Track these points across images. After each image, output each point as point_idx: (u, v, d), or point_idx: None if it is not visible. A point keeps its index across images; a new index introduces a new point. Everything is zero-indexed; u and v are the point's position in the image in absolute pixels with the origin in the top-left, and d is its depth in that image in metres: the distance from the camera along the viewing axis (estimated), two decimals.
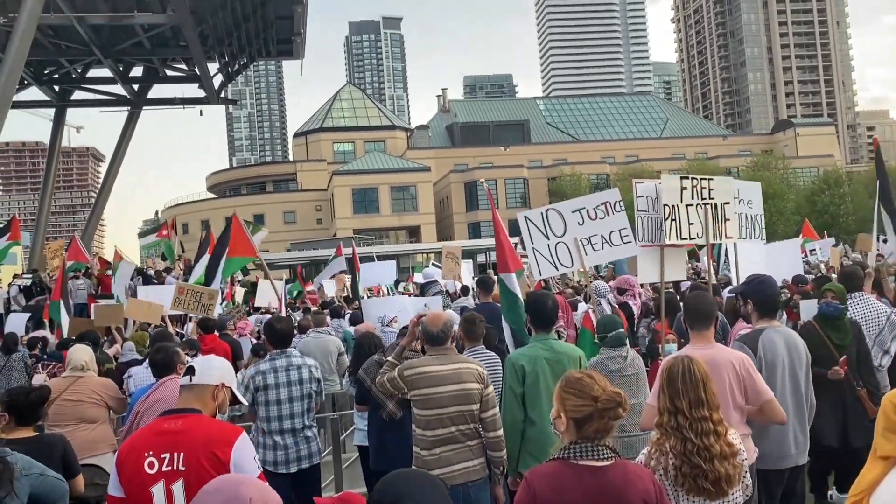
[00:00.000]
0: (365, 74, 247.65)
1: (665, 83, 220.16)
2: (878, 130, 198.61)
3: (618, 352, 5.43)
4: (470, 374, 4.44)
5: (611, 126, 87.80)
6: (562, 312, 9.11)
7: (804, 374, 4.63)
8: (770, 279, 5.07)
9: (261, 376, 5.48)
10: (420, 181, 67.43)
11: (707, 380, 3.20)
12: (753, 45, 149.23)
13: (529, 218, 6.80)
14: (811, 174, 68.50)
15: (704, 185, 6.94)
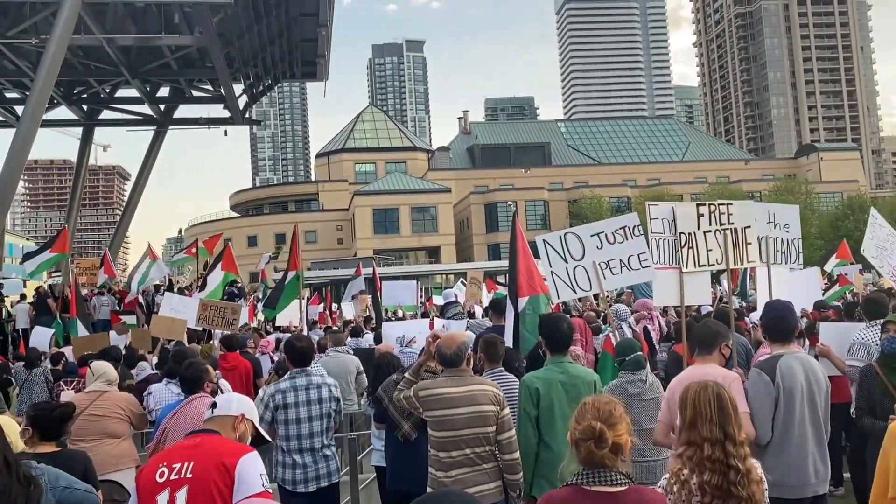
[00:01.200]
0: (387, 96, 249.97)
1: (687, 107, 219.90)
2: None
3: (637, 375, 5.42)
4: (485, 396, 4.43)
5: (632, 149, 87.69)
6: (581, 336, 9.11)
7: (823, 401, 4.57)
8: (785, 304, 5.04)
9: (281, 395, 5.50)
10: (440, 202, 67.67)
11: (735, 406, 3.19)
12: (776, 70, 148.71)
13: (548, 241, 6.83)
14: (835, 199, 67.88)
15: (723, 211, 6.93)
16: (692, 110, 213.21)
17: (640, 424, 5.27)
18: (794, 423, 4.41)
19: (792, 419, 4.41)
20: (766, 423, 4.41)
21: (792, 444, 4.41)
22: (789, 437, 4.42)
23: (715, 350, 4.84)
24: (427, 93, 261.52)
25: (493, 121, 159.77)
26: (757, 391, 4.47)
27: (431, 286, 41.21)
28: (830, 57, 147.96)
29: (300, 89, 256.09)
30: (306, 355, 5.83)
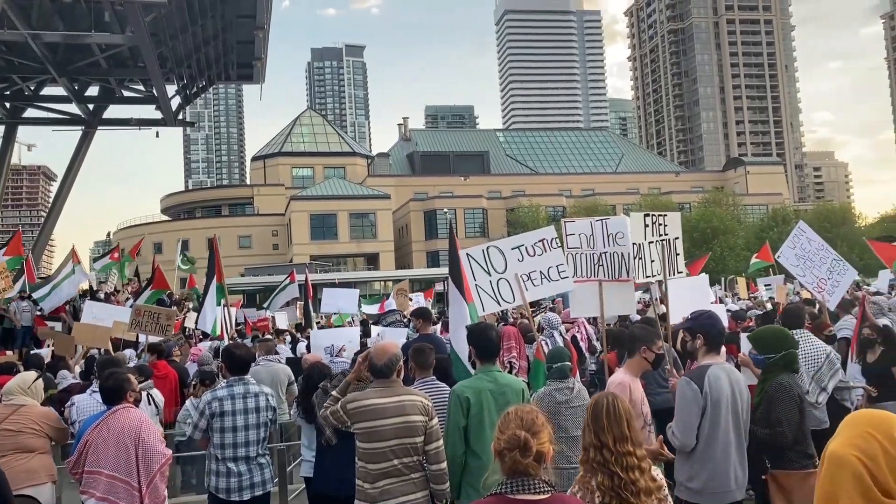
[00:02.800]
0: (326, 101, 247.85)
1: (621, 119, 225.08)
2: (824, 171, 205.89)
3: (565, 383, 5.50)
4: (414, 407, 4.46)
5: (568, 160, 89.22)
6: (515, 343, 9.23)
7: (745, 410, 4.74)
8: (716, 314, 5.22)
9: (218, 402, 5.45)
10: (379, 208, 67.41)
11: (630, 416, 3.30)
12: (706, 85, 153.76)
13: (472, 255, 6.95)
14: (760, 211, 70.49)
15: (661, 222, 7.17)
16: (626, 123, 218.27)
17: (567, 431, 5.36)
18: (719, 431, 4.55)
19: (717, 428, 4.54)
20: (692, 431, 4.54)
21: (717, 452, 4.54)
22: (714, 445, 4.54)
23: (635, 355, 5.01)
24: (367, 98, 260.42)
25: (434, 128, 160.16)
26: (685, 399, 4.60)
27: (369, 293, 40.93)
28: (757, 74, 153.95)
29: (236, 91, 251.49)
30: (245, 363, 5.79)
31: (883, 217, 70.61)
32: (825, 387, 6.69)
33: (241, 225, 71.32)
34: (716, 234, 57.97)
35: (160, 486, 4.88)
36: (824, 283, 9.06)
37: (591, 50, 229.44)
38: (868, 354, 7.34)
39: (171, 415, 8.55)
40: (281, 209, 70.17)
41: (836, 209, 69.90)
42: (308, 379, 6.13)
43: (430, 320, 8.45)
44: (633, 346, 5.05)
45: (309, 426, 6.05)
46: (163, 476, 4.93)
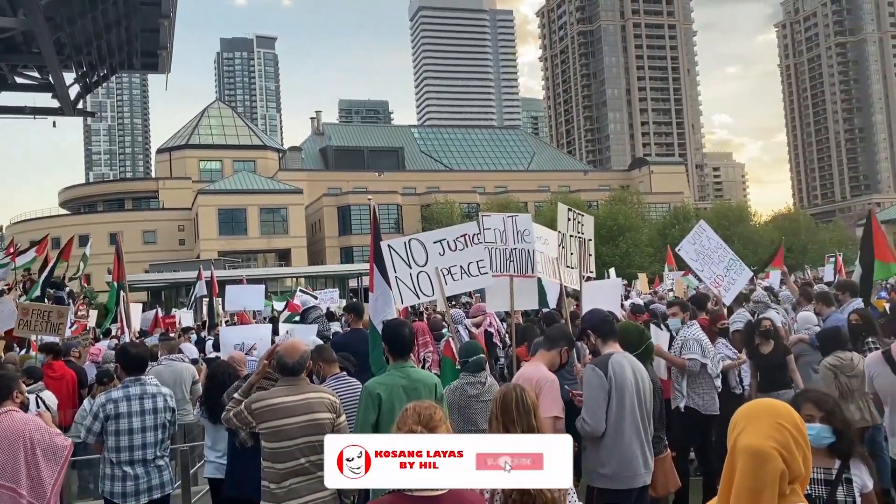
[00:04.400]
0: (236, 92, 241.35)
1: (533, 118, 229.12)
2: (723, 171, 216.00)
3: (477, 377, 5.58)
4: (322, 404, 4.43)
5: (481, 157, 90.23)
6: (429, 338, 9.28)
7: (647, 397, 4.94)
8: (598, 310, 5.47)
9: (112, 404, 5.25)
10: (291, 203, 66.27)
11: (537, 409, 3.38)
12: (614, 87, 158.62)
13: (393, 247, 6.94)
14: (663, 209, 73.28)
15: (580, 220, 7.38)
16: (538, 122, 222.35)
17: (477, 425, 5.45)
18: (625, 416, 4.70)
19: (624, 413, 4.69)
20: (601, 416, 4.68)
21: (625, 437, 4.69)
22: (623, 430, 4.69)
23: (553, 350, 5.17)
24: (278, 91, 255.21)
25: (347, 123, 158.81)
26: (591, 385, 4.75)
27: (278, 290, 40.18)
28: (661, 77, 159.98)
29: (141, 81, 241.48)
30: (142, 362, 5.60)
31: (776, 215, 74.76)
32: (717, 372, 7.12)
33: (146, 219, 68.69)
34: (622, 231, 59.91)
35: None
36: (721, 280, 9.54)
37: (504, 49, 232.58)
38: (763, 346, 7.78)
39: (67, 417, 8.18)
40: (188, 203, 67.95)
41: (734, 208, 73.45)
42: (212, 378, 5.99)
43: (361, 315, 8.42)
44: (556, 343, 5.19)
45: (213, 426, 5.92)
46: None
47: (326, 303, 16.66)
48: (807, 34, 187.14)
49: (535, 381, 4.78)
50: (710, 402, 7.04)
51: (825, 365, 6.48)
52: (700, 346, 7.03)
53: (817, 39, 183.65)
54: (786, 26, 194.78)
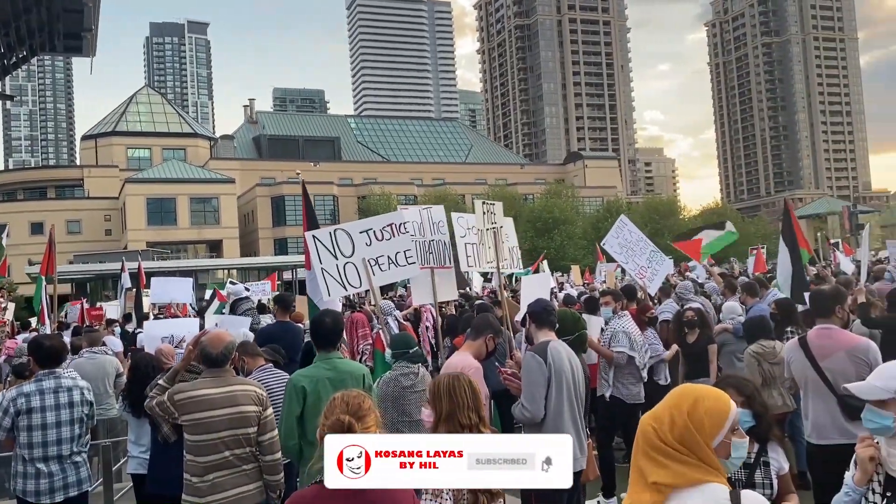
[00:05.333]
0: (166, 79, 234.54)
1: (471, 111, 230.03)
2: (654, 166, 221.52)
3: (411, 368, 5.57)
4: (247, 397, 4.33)
5: (419, 149, 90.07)
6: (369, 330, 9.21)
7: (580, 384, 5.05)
8: (543, 300, 5.53)
9: (24, 399, 5.02)
10: (223, 193, 64.74)
11: (480, 394, 3.37)
12: (550, 81, 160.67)
13: (318, 237, 6.79)
14: (596, 203, 74.65)
15: (492, 210, 7.39)
16: (475, 114, 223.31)
17: (410, 416, 5.43)
18: (563, 402, 4.77)
19: (562, 399, 4.77)
20: (540, 401, 4.73)
21: (564, 422, 4.76)
22: (562, 415, 4.76)
23: (479, 339, 5.21)
24: (210, 78, 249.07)
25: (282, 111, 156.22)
26: (531, 370, 4.80)
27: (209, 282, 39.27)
28: (596, 73, 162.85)
29: (65, 64, 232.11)
30: (55, 355, 5.34)
31: (704, 209, 77.10)
32: (645, 363, 7.27)
33: (70, 209, 66.02)
34: (557, 223, 60.79)
35: None
36: (645, 271, 9.79)
37: (442, 41, 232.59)
38: (689, 336, 7.99)
39: None
40: (115, 192, 65.64)
41: (664, 202, 75.39)
42: (135, 370, 5.79)
43: (288, 308, 8.27)
44: (482, 332, 5.23)
45: (137, 421, 5.73)
46: None
47: (258, 295, 16.33)
48: (735, 34, 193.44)
49: (459, 369, 4.79)
50: (636, 392, 7.19)
51: (749, 352, 6.69)
52: (629, 338, 7.15)
53: (745, 39, 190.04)
54: (715, 25, 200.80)
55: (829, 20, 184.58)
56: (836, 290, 5.74)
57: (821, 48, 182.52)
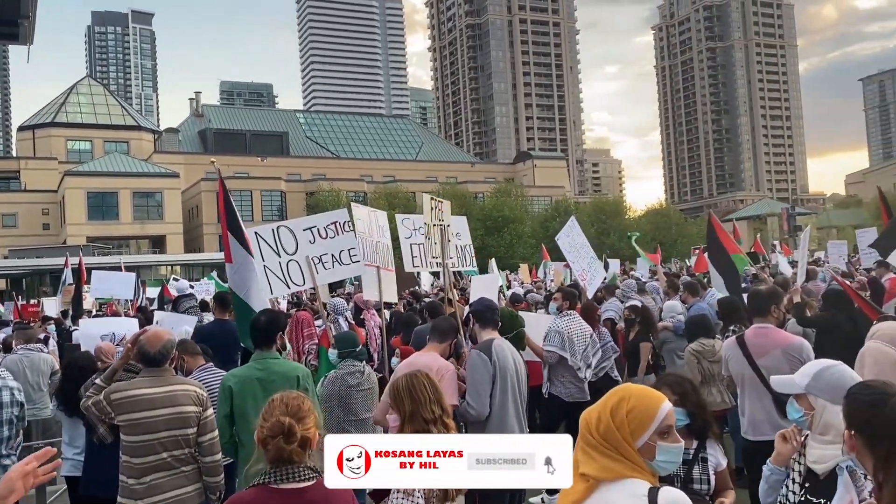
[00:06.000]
0: (109, 69, 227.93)
1: (422, 108, 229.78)
2: (601, 167, 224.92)
3: (357, 367, 5.55)
4: (187, 397, 4.24)
5: (369, 145, 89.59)
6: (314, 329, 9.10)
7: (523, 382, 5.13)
8: (486, 299, 5.57)
9: None
10: (167, 187, 63.31)
11: (442, 394, 3.38)
12: (500, 81, 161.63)
13: (261, 234, 6.69)
14: (545, 202, 75.45)
15: (440, 208, 7.38)
16: (426, 112, 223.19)
17: (357, 414, 5.42)
18: (508, 399, 4.81)
19: (507, 396, 4.81)
20: (485, 399, 4.76)
21: (509, 418, 4.80)
22: (507, 412, 4.80)
23: (445, 342, 5.23)
24: (155, 69, 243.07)
25: (229, 105, 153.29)
26: (476, 368, 4.84)
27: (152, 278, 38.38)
28: (545, 74, 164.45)
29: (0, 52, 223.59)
30: None
31: (649, 210, 78.67)
32: (590, 363, 7.35)
33: (6, 202, 63.65)
34: (506, 222, 61.25)
35: None
36: (585, 275, 10.03)
37: (393, 37, 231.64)
38: (630, 333, 8.14)
39: None
40: (53, 185, 63.54)
41: (611, 202, 76.66)
42: (69, 368, 5.61)
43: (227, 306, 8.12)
44: (448, 335, 5.25)
45: (70, 421, 5.55)
46: None
47: (202, 293, 16.03)
48: (681, 38, 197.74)
49: (434, 369, 4.76)
50: (575, 391, 7.19)
51: (689, 350, 6.84)
52: (561, 337, 7.17)
53: (690, 43, 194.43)
54: (662, 29, 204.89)
55: (771, 27, 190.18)
56: (773, 290, 5.90)
57: (762, 54, 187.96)
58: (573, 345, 7.16)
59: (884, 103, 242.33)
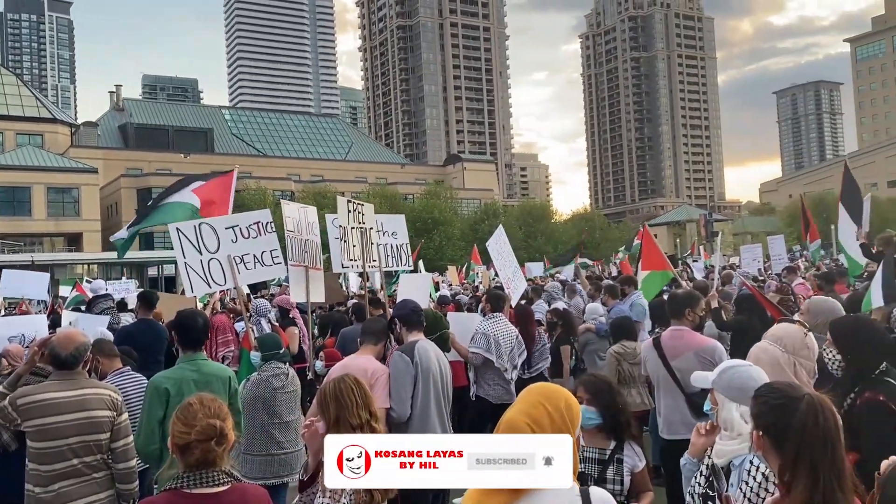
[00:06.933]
0: (22, 59, 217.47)
1: (352, 108, 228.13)
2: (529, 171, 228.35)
3: (281, 369, 5.49)
4: (100, 401, 4.09)
5: (297, 144, 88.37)
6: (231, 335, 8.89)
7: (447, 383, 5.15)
8: (410, 301, 5.58)
9: None
10: (84, 183, 60.86)
11: (370, 398, 3.35)
12: (431, 83, 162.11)
13: (182, 231, 6.52)
14: (474, 205, 76.06)
15: (360, 210, 7.35)
16: (356, 112, 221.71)
17: (281, 417, 5.36)
18: (430, 401, 4.83)
19: (430, 397, 4.82)
20: (406, 401, 4.78)
21: (431, 420, 4.81)
22: (429, 413, 4.81)
23: (379, 344, 5.22)
24: (73, 60, 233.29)
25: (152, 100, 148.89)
26: (398, 370, 4.84)
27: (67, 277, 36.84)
28: (476, 77, 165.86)
29: None
30: None
31: (574, 214, 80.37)
32: (516, 364, 7.45)
33: None
34: (436, 224, 61.43)
35: None
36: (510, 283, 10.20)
37: (323, 36, 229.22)
38: (552, 335, 8.30)
39: None
40: None
41: (538, 206, 77.96)
42: None
43: (152, 306, 7.87)
44: (382, 337, 5.23)
45: None
46: None
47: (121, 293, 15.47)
48: (607, 47, 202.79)
49: (370, 371, 4.77)
50: (502, 392, 7.22)
51: (611, 352, 7.02)
52: (487, 339, 7.25)
53: (616, 53, 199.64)
54: (589, 38, 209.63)
55: (692, 39, 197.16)
56: (689, 294, 6.11)
57: (684, 65, 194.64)
58: (499, 347, 7.21)
59: (796, 116, 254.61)
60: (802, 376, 3.73)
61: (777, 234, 21.10)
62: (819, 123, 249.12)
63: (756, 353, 3.91)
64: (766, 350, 3.85)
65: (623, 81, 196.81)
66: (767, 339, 3.93)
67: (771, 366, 3.71)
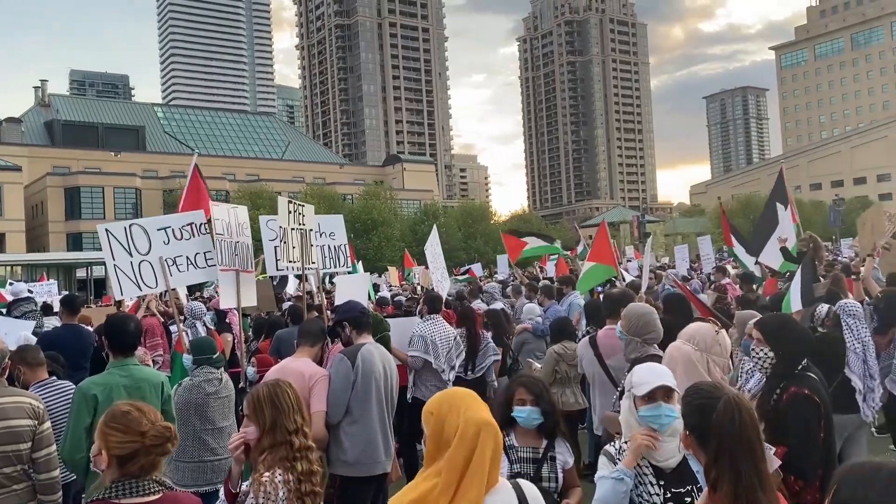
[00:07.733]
0: None
1: (289, 107, 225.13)
2: (468, 172, 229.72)
3: (214, 374, 5.37)
4: (20, 410, 3.94)
5: (233, 142, 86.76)
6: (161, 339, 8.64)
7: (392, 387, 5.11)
8: (354, 302, 5.53)
9: None
10: (8, 182, 58.48)
11: (301, 402, 3.29)
12: (370, 83, 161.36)
13: (112, 232, 6.31)
14: (414, 205, 76.04)
15: (301, 212, 7.26)
16: (294, 111, 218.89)
17: (214, 423, 5.24)
18: (371, 405, 4.78)
19: (370, 401, 4.78)
20: (342, 406, 4.72)
21: (370, 424, 4.77)
22: (368, 417, 4.76)
23: (316, 347, 5.14)
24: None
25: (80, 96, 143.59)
26: (338, 374, 4.79)
27: None
28: (415, 78, 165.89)
29: None
30: None
31: (513, 215, 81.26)
32: (453, 365, 7.48)
33: None
34: (375, 225, 61.11)
35: None
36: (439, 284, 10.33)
37: (259, 33, 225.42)
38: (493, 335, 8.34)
39: None
40: None
41: (477, 207, 78.47)
42: None
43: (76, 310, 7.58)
44: (319, 339, 5.15)
45: None
46: None
47: (43, 296, 14.87)
48: (544, 50, 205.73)
49: (307, 375, 4.71)
50: None
51: (551, 351, 7.11)
52: (425, 342, 7.28)
53: (552, 56, 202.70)
54: (526, 41, 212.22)
55: (626, 44, 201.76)
56: (624, 293, 6.25)
57: (618, 70, 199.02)
58: (437, 348, 7.25)
59: (724, 120, 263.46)
60: (716, 373, 3.87)
61: (706, 234, 21.79)
62: (746, 128, 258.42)
63: (670, 351, 4.03)
64: (680, 349, 3.98)
65: (560, 85, 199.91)
66: (681, 338, 4.06)
67: (684, 364, 3.83)
